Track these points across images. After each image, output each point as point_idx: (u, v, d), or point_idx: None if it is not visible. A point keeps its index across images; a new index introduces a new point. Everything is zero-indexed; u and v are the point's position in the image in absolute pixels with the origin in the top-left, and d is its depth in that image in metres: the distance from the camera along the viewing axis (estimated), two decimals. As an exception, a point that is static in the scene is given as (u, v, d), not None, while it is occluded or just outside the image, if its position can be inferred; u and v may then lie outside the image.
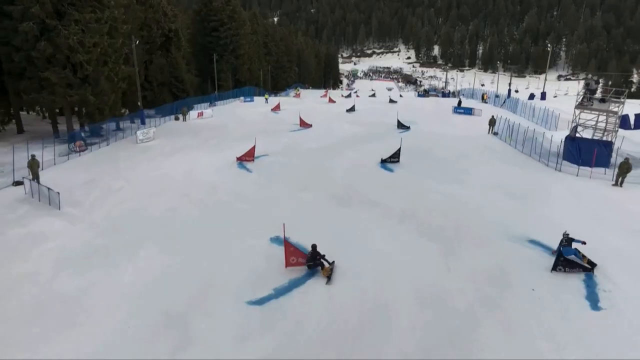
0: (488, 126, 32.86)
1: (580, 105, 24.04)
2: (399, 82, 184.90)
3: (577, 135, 24.20)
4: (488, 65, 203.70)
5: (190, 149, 26.85)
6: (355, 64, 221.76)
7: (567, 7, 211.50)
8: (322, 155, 24.86)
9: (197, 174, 21.46)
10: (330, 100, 55.10)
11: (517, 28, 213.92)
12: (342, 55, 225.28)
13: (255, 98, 58.41)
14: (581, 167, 21.67)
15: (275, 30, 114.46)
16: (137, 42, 33.99)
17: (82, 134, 26.91)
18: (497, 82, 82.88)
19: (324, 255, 12.67)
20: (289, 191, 18.96)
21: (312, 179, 20.63)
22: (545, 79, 64.52)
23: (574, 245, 12.89)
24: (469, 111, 42.70)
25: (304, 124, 34.24)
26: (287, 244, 12.61)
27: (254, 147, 23.46)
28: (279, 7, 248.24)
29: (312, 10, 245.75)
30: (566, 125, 33.46)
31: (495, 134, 31.97)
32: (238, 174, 21.59)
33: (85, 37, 26.07)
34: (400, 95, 75.67)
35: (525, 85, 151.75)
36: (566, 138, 24.05)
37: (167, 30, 47.78)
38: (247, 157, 23.32)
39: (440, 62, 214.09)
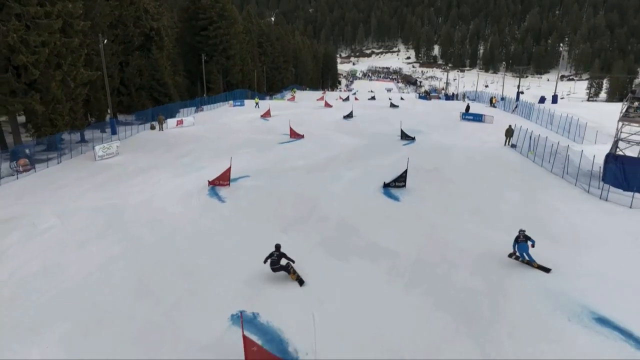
0: (504, 137, 28.67)
1: (626, 117, 19.85)
2: (398, 82, 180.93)
3: (619, 152, 20.08)
4: (489, 65, 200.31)
5: (157, 169, 22.53)
6: (354, 64, 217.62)
7: (570, 5, 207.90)
8: (313, 178, 20.63)
9: (156, 205, 17.22)
10: (327, 105, 50.82)
11: (518, 27, 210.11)
12: (340, 56, 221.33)
13: (247, 102, 54.18)
14: (626, 194, 17.51)
15: (271, 29, 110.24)
16: (105, 41, 29.77)
17: (27, 150, 22.61)
18: (502, 84, 78.83)
19: (287, 256, 11.72)
20: (267, 231, 14.71)
21: (298, 211, 16.42)
22: (557, 80, 60.06)
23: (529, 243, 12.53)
24: (478, 118, 38.50)
25: (294, 135, 29.99)
26: (247, 342, 8.31)
27: (229, 169, 19.20)
28: (276, 7, 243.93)
29: (310, 10, 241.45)
30: (593, 137, 29.38)
31: (513, 146, 27.76)
32: (207, 205, 17.32)
33: (30, 34, 21.81)
34: (402, 98, 71.46)
35: (527, 86, 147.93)
36: (607, 156, 19.86)
37: (148, 28, 43.57)
38: (221, 181, 19.09)
39: (440, 62, 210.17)
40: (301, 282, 11.60)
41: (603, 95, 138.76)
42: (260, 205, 17.16)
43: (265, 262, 11.58)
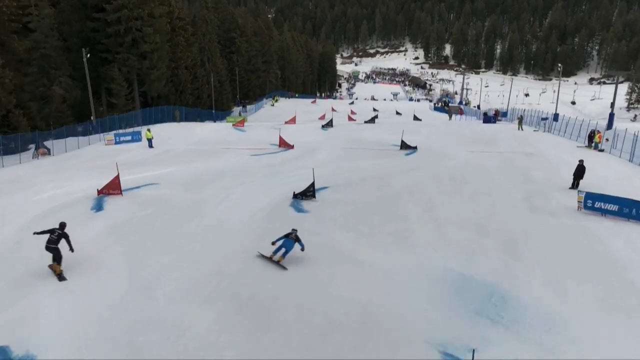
0: None
1: None
2: (405, 85, 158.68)
3: None
4: (507, 66, 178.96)
5: None
6: (356, 64, 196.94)
7: (599, 0, 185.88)
8: None
9: None
10: (284, 144, 27.34)
11: (540, 24, 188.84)
12: (341, 55, 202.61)
13: (164, 127, 30.83)
14: None
15: (247, 21, 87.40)
16: None
17: None
18: (557, 91, 55.43)
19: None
20: None
21: None
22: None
23: None
24: (628, 210, 14.88)
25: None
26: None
27: None
28: (275, 3, 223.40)
29: (309, 6, 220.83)
30: None
31: None
32: None
33: None
34: (416, 117, 48.36)
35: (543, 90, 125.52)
36: None
37: None
38: None
39: (452, 62, 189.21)
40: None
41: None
42: None
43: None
